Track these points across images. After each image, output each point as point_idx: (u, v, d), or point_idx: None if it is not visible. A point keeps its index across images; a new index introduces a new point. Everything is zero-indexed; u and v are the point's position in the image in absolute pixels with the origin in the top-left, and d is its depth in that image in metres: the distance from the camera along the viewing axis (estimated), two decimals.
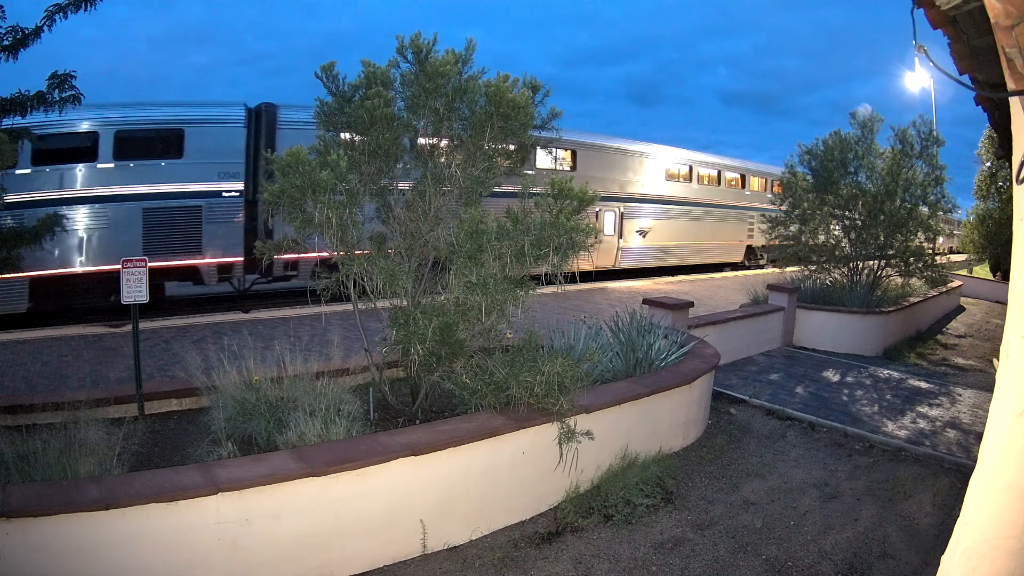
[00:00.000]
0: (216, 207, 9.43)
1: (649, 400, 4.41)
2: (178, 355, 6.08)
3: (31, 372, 5.71)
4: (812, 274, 10.36)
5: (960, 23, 2.08)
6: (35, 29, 5.10)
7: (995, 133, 5.72)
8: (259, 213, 9.72)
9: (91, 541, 2.60)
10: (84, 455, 3.14)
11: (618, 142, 15.39)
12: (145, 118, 9.01)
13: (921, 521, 3.95)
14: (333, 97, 4.37)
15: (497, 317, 3.88)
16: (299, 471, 2.92)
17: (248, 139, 9.67)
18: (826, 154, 10.04)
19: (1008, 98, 1.89)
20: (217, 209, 9.44)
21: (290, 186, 3.64)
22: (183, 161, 9.15)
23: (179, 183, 9.12)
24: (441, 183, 4.25)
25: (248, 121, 9.71)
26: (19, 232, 5.92)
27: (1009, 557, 1.78)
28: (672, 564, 3.36)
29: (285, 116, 9.90)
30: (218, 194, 9.41)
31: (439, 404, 4.46)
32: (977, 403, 6.54)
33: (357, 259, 3.95)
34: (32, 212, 7.18)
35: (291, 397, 3.94)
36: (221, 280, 9.81)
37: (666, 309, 6.74)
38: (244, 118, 9.66)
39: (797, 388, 6.72)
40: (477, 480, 3.53)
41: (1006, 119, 2.33)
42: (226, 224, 9.54)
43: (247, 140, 9.66)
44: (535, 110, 4.32)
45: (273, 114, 9.87)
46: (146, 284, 4.42)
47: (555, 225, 3.67)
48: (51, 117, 5.55)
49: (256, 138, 9.73)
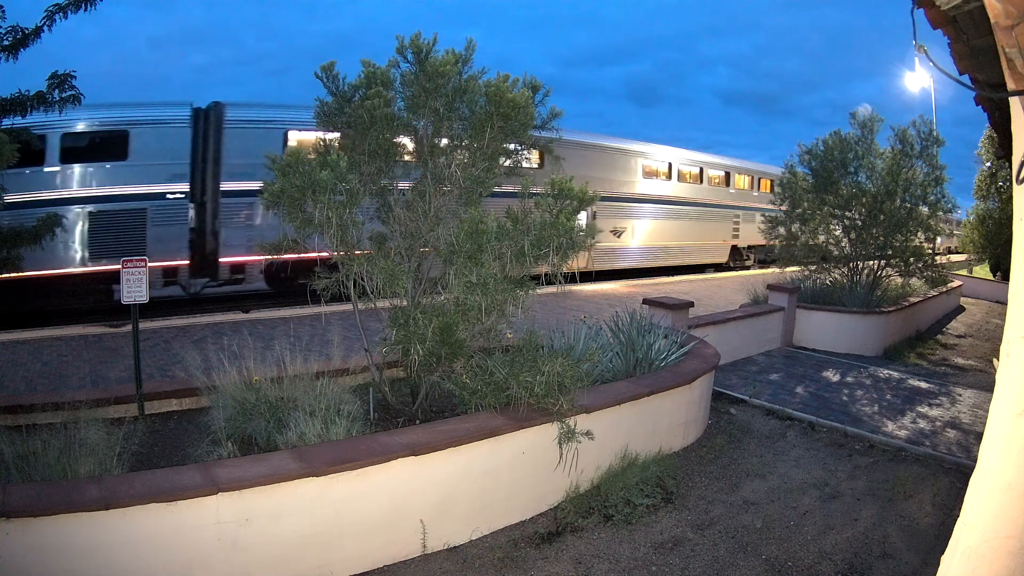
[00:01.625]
0: (160, 210, 9.21)
1: (649, 400, 4.41)
2: (178, 355, 6.08)
3: (31, 372, 5.71)
4: (812, 274, 10.36)
5: (960, 23, 2.08)
6: (35, 29, 5.10)
7: (995, 133, 5.72)
8: (206, 215, 9.57)
9: (91, 541, 2.59)
10: (84, 455, 3.14)
11: (590, 138, 14.82)
12: (90, 120, 8.78)
13: (921, 521, 3.95)
14: (333, 97, 4.37)
15: (497, 317, 3.88)
16: (299, 471, 2.92)
17: (194, 140, 9.43)
18: (826, 154, 10.03)
19: (1008, 98, 1.89)
20: (161, 212, 9.22)
21: (290, 186, 3.64)
22: (127, 163, 8.94)
23: (124, 185, 8.91)
24: (441, 183, 4.25)
25: (195, 121, 9.44)
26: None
27: (1009, 557, 1.78)
28: (672, 564, 3.36)
29: (232, 115, 9.62)
30: (162, 196, 9.19)
31: (439, 404, 4.46)
32: (977, 403, 6.54)
33: (357, 259, 3.95)
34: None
35: (291, 397, 3.94)
36: (168, 284, 9.54)
37: (666, 309, 6.74)
38: (190, 118, 9.39)
39: (797, 388, 6.72)
40: (477, 480, 3.53)
41: (1006, 119, 2.33)
42: (171, 227, 9.31)
43: (193, 141, 9.41)
44: (535, 110, 4.32)
45: (219, 113, 9.60)
46: (146, 284, 4.42)
47: (555, 225, 3.67)
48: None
49: (203, 139, 9.50)
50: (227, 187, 9.58)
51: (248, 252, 9.70)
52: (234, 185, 9.53)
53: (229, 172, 9.54)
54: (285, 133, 9.92)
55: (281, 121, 9.98)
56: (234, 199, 9.64)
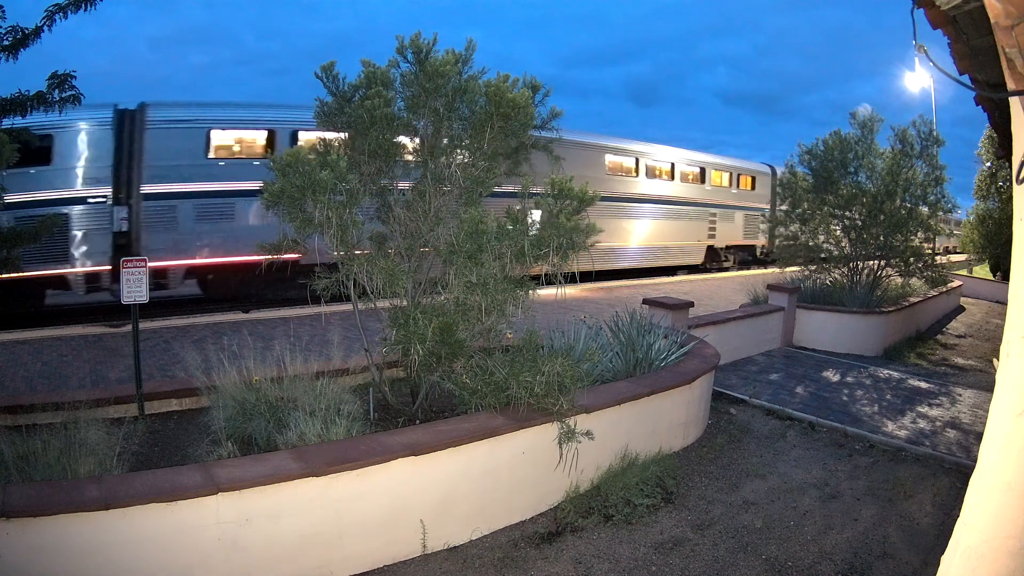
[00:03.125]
0: (82, 215, 8.96)
1: (649, 400, 4.41)
2: (178, 355, 6.08)
3: (31, 372, 5.71)
4: (812, 274, 10.36)
5: (960, 23, 2.08)
6: (35, 29, 5.08)
7: (995, 133, 5.72)
8: (129, 219, 9.24)
9: (91, 541, 2.59)
10: (84, 455, 3.14)
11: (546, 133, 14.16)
12: (21, 125, 8.66)
13: (921, 521, 3.95)
14: (333, 97, 4.36)
15: (497, 317, 3.88)
16: (299, 471, 2.92)
17: (117, 142, 9.12)
18: (826, 154, 10.03)
19: (1008, 98, 1.89)
20: (83, 216, 8.97)
21: (290, 186, 3.64)
22: (51, 167, 8.71)
23: (48, 190, 8.66)
24: (441, 183, 4.25)
25: (118, 123, 9.14)
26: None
27: (1009, 557, 1.78)
28: (672, 564, 3.36)
29: (154, 116, 9.24)
30: (83, 200, 8.94)
31: (439, 404, 4.46)
32: (977, 403, 6.54)
33: (357, 259, 3.95)
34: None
35: (291, 397, 3.94)
36: (91, 290, 9.21)
37: (666, 309, 6.75)
38: (112, 120, 9.00)
39: (797, 388, 6.72)
40: (477, 480, 3.53)
41: (1006, 119, 2.33)
42: (92, 232, 9.03)
43: (116, 143, 9.11)
44: (535, 110, 4.32)
45: (142, 114, 9.18)
46: (147, 284, 4.41)
47: (555, 225, 3.67)
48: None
49: (128, 140, 9.19)
50: (148, 190, 9.23)
51: (173, 256, 9.38)
52: (156, 188, 9.23)
53: (150, 174, 9.22)
54: (208, 132, 9.59)
55: (204, 120, 9.63)
56: (156, 202, 9.28)
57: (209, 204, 9.62)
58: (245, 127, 10.11)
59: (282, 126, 10.05)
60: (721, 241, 18.53)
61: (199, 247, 9.63)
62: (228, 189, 9.64)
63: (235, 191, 9.62)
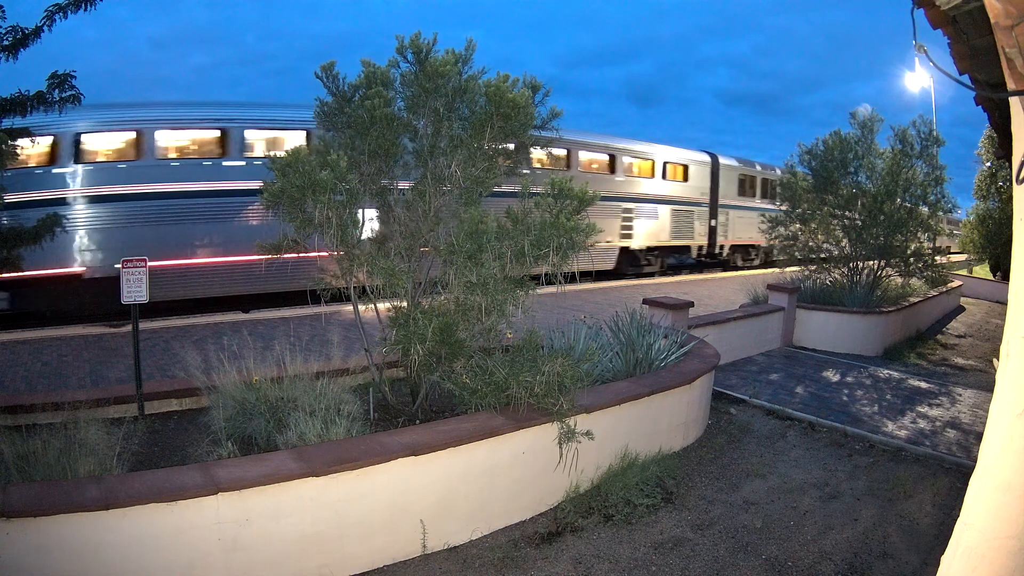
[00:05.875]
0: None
1: (649, 400, 4.41)
2: (178, 355, 6.08)
3: (31, 372, 5.71)
4: (812, 274, 10.36)
5: (960, 23, 2.08)
6: (35, 29, 5.09)
7: (995, 133, 5.72)
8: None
9: (91, 541, 2.60)
10: (84, 455, 3.14)
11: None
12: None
13: (921, 521, 3.95)
14: (333, 97, 4.37)
15: (497, 317, 3.88)
16: (299, 471, 2.92)
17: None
18: (826, 154, 10.03)
19: (1008, 98, 1.89)
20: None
21: (290, 186, 3.64)
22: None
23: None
24: (441, 183, 4.25)
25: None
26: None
27: (1009, 557, 1.78)
28: (672, 564, 3.36)
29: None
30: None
31: (439, 404, 4.46)
32: (977, 403, 6.54)
33: (357, 259, 3.95)
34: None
35: (291, 397, 3.94)
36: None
37: (666, 309, 6.75)
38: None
39: (797, 388, 6.72)
40: (477, 480, 3.53)
41: (1006, 119, 2.33)
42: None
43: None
44: (535, 110, 4.31)
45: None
46: (146, 284, 4.41)
47: (555, 225, 3.67)
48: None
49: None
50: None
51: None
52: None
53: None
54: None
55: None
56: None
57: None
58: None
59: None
60: (640, 242, 15.40)
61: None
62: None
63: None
